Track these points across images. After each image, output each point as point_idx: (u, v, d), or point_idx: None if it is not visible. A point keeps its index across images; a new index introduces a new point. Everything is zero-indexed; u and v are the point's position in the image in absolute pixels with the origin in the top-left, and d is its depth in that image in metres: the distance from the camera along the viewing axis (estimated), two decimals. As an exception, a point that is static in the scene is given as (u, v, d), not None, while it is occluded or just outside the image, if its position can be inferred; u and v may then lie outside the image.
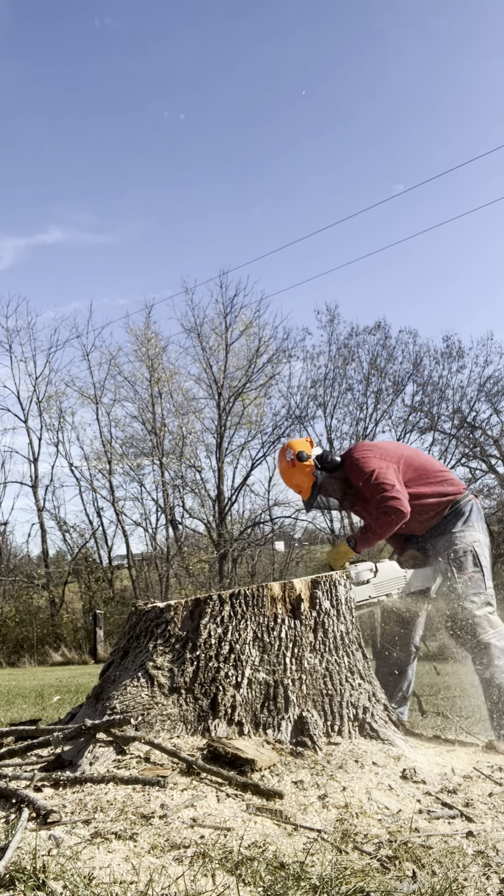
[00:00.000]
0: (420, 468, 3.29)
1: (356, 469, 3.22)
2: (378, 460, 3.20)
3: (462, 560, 3.13)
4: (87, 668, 11.99)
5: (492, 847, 1.65)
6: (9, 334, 20.89)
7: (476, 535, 3.21)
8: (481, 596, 3.08)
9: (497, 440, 17.26)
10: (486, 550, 3.21)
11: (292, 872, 1.42)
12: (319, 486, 3.31)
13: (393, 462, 3.22)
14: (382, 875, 1.46)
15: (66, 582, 18.65)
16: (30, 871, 1.36)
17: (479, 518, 3.28)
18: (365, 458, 3.23)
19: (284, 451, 3.39)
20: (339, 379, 18.58)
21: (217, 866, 1.45)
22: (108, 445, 19.24)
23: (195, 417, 19.20)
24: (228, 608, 2.50)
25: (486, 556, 3.19)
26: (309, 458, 3.30)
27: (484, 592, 3.10)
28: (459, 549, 3.16)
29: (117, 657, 2.66)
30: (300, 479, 3.33)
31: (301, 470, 3.31)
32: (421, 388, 18.07)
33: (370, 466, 3.17)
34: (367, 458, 3.22)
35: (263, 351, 18.74)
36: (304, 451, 3.30)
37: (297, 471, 3.32)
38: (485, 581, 3.12)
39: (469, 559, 3.13)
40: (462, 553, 3.15)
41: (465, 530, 3.20)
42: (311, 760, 2.17)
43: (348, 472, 3.29)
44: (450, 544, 3.19)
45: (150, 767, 2.00)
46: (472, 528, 3.22)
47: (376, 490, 3.11)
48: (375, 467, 3.16)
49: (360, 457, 3.24)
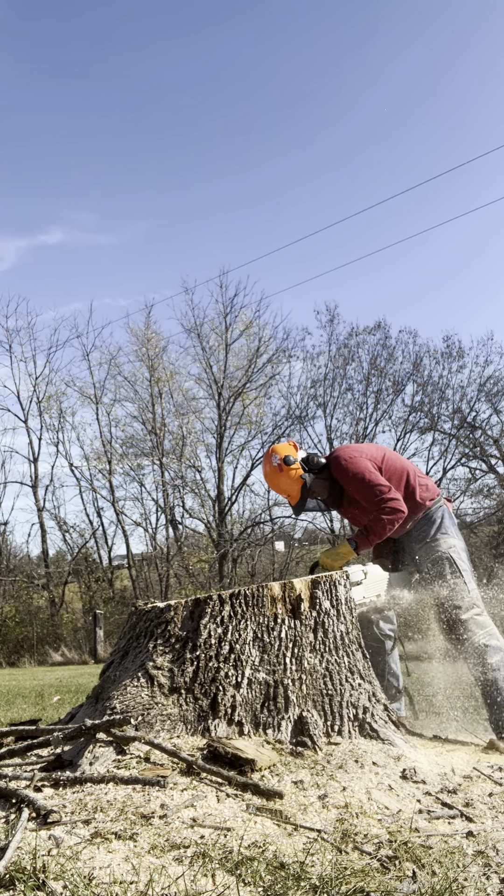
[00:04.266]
0: (400, 470, 3.31)
1: (345, 471, 3.22)
2: (365, 461, 3.23)
3: (439, 568, 3.16)
4: (87, 668, 11.98)
5: (492, 847, 1.65)
6: (9, 334, 20.94)
7: (450, 541, 3.24)
8: (465, 599, 3.10)
9: (497, 440, 17.25)
10: (463, 554, 3.23)
11: (292, 872, 1.42)
12: (308, 488, 3.30)
13: (376, 462, 3.26)
14: (382, 875, 1.46)
15: (66, 582, 18.65)
16: (30, 871, 1.36)
17: (453, 523, 3.31)
18: (353, 458, 3.23)
19: (269, 456, 3.35)
20: (339, 379, 18.58)
21: (217, 866, 1.45)
22: (108, 445, 19.25)
23: (195, 417, 19.20)
24: (228, 608, 2.50)
25: (463, 560, 3.21)
26: (295, 462, 3.28)
27: (467, 596, 3.11)
28: (435, 557, 3.20)
29: (117, 657, 2.66)
30: (287, 483, 3.30)
31: (287, 474, 3.28)
32: (421, 388, 18.07)
33: (359, 467, 3.19)
34: (355, 458, 3.23)
35: (263, 351, 18.75)
36: (289, 456, 3.28)
37: (284, 476, 3.29)
38: (466, 584, 3.13)
39: (446, 566, 3.16)
40: (438, 561, 3.19)
41: (439, 537, 3.23)
42: (311, 760, 2.17)
43: (336, 474, 3.29)
44: (427, 553, 3.23)
45: (150, 767, 2.00)
46: (447, 534, 3.25)
47: (372, 492, 3.13)
48: (364, 468, 3.18)
49: (348, 457, 3.24)
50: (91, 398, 19.39)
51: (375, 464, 3.24)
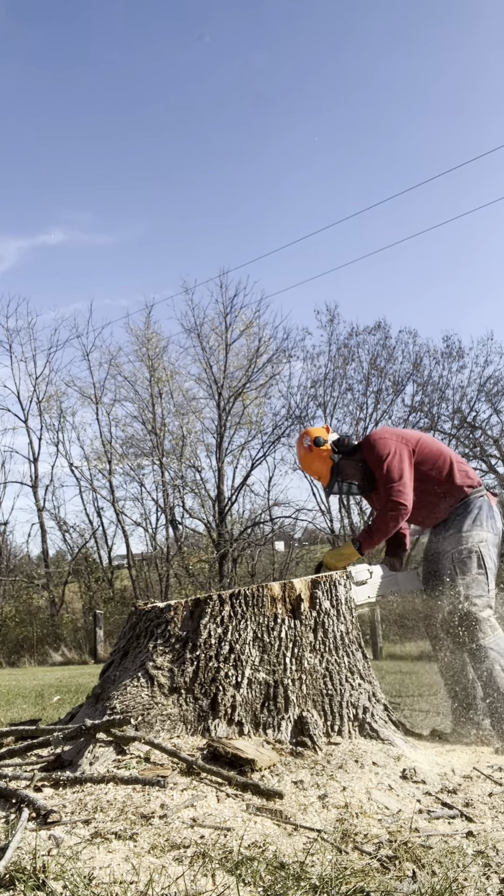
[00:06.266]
0: (437, 452, 3.26)
1: (373, 450, 3.23)
2: (395, 442, 3.22)
3: (466, 561, 3.08)
4: (87, 668, 11.98)
5: (492, 847, 1.65)
6: (9, 334, 20.88)
7: (483, 535, 3.13)
8: (483, 598, 3.03)
9: (497, 440, 17.25)
10: (493, 551, 3.14)
11: (292, 872, 1.41)
12: (337, 469, 3.34)
13: (410, 444, 3.23)
14: (382, 875, 1.46)
15: (66, 582, 18.64)
16: (30, 871, 1.35)
17: (491, 516, 3.19)
18: (383, 439, 3.25)
19: (301, 438, 3.45)
20: (339, 379, 18.56)
21: (217, 866, 1.45)
22: (109, 445, 19.23)
23: (195, 417, 19.18)
24: (228, 608, 2.50)
25: (491, 558, 3.11)
26: (325, 444, 3.35)
27: (486, 594, 3.04)
28: (464, 549, 3.11)
29: (117, 657, 2.65)
30: (318, 465, 3.37)
31: (318, 455, 3.36)
32: (421, 388, 18.05)
33: (386, 449, 3.19)
34: (385, 439, 3.24)
35: (263, 351, 18.72)
36: (320, 437, 3.36)
37: (315, 456, 3.36)
38: (488, 583, 3.06)
39: (474, 560, 3.08)
40: (467, 553, 3.10)
41: (472, 529, 3.14)
42: (311, 760, 2.17)
43: (366, 455, 3.30)
44: (456, 543, 3.14)
45: (150, 767, 2.00)
46: (481, 527, 3.14)
47: (385, 479, 3.13)
48: (391, 450, 3.17)
49: (378, 437, 3.27)
50: (91, 398, 19.38)
51: (408, 447, 3.22)
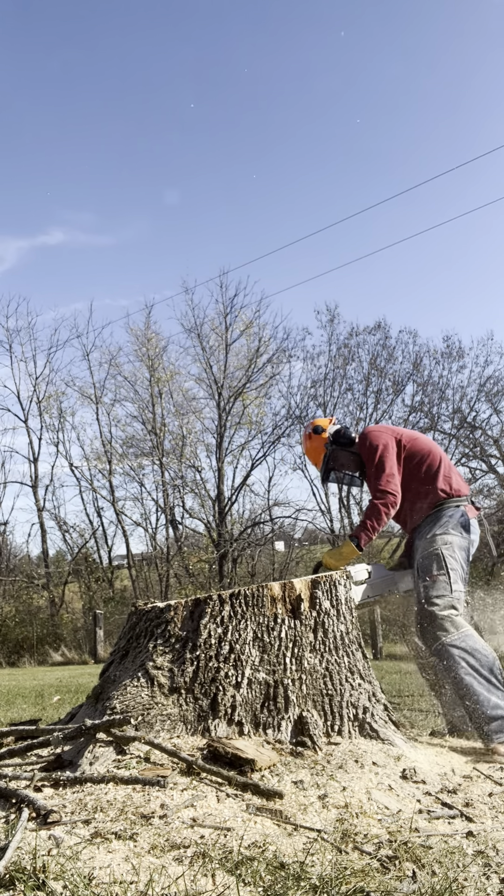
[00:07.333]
0: (427, 452, 3.31)
1: (365, 442, 3.34)
2: (387, 436, 3.32)
3: (428, 565, 3.11)
4: (87, 668, 11.98)
5: (492, 847, 1.65)
6: (9, 334, 20.93)
7: (448, 539, 3.15)
8: (445, 598, 3.01)
9: (497, 440, 17.26)
10: (457, 553, 3.13)
11: (292, 872, 1.41)
12: (329, 457, 3.49)
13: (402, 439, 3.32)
14: (382, 875, 1.46)
15: (66, 582, 18.65)
16: (30, 871, 1.35)
17: (461, 523, 3.19)
18: (375, 431, 3.37)
19: (307, 427, 3.63)
20: (339, 379, 18.59)
21: (217, 866, 1.45)
22: (109, 445, 19.25)
23: (195, 417, 19.20)
24: (228, 608, 2.50)
25: (455, 559, 3.11)
26: (323, 432, 3.52)
27: (448, 595, 3.02)
28: (428, 552, 3.15)
29: (117, 657, 2.65)
30: (312, 452, 3.58)
31: (314, 442, 3.54)
32: (421, 388, 18.08)
33: (377, 441, 3.29)
34: (378, 433, 3.35)
35: (263, 351, 18.75)
36: (319, 426, 3.54)
37: (312, 443, 3.56)
38: (450, 584, 3.05)
39: (433, 563, 3.09)
40: (428, 557, 3.13)
41: (436, 534, 3.17)
42: (311, 760, 2.17)
43: (359, 447, 3.42)
44: (422, 549, 3.19)
45: (150, 767, 2.00)
46: (446, 531, 3.16)
47: (376, 471, 3.22)
48: (381, 442, 3.27)
49: (371, 431, 3.39)
50: (91, 398, 19.40)
51: (399, 440, 3.32)
